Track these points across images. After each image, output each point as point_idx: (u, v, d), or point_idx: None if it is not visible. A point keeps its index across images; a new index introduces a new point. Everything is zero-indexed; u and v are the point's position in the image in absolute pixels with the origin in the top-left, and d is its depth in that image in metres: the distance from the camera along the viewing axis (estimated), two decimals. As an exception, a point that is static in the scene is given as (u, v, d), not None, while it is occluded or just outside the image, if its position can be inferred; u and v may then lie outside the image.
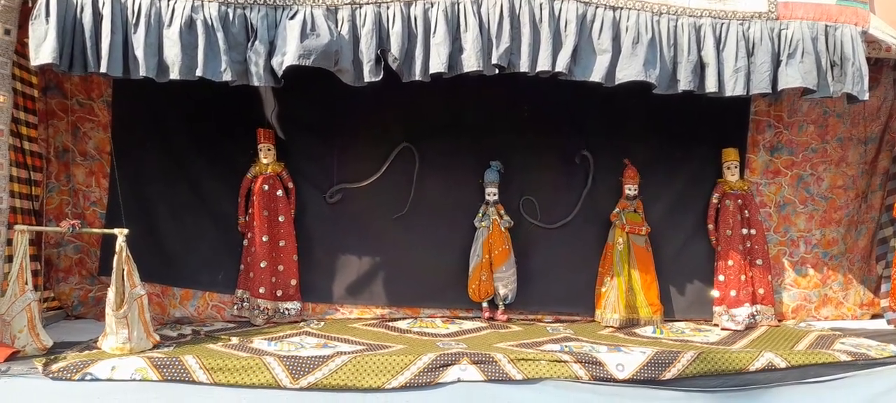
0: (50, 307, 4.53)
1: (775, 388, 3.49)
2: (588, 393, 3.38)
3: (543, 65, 3.74)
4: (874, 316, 5.08)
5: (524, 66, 3.75)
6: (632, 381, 3.43)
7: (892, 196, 4.93)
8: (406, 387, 3.30)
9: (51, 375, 3.16)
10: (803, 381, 3.53)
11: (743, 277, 4.77)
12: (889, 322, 4.78)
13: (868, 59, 4.10)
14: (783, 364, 3.55)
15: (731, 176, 4.96)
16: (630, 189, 4.95)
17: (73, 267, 4.69)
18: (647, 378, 3.44)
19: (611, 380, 3.42)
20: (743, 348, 3.89)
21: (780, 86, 3.94)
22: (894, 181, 5.01)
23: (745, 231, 4.85)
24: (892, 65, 4.78)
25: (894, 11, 4.35)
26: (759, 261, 4.84)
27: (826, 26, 3.98)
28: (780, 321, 4.95)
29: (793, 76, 3.92)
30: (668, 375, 3.46)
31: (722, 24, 3.92)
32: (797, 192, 5.16)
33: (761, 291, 4.82)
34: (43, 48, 3.48)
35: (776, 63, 3.95)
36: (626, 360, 3.47)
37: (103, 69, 3.54)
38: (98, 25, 3.55)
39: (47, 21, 3.47)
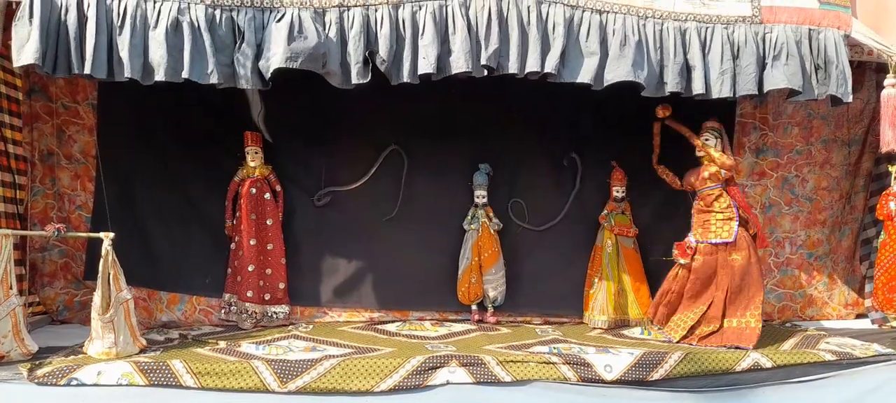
0: (35, 312, 4.48)
1: (761, 388, 3.53)
2: (576, 395, 3.39)
3: (532, 66, 3.75)
4: (858, 316, 5.14)
5: (513, 68, 3.75)
6: (620, 382, 3.45)
7: (875, 197, 4.97)
8: (395, 390, 3.30)
9: (36, 380, 3.14)
10: (789, 381, 3.57)
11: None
12: (873, 321, 4.83)
13: (850, 62, 4.14)
14: (769, 364, 3.59)
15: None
16: (618, 191, 4.98)
17: (58, 271, 4.65)
18: (635, 379, 3.46)
19: (599, 381, 3.44)
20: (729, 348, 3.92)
21: (766, 88, 3.96)
22: (877, 182, 5.07)
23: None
24: (874, 68, 4.83)
25: (875, 16, 4.40)
26: (745, 263, 4.86)
27: (809, 30, 4.02)
28: (765, 321, 4.97)
29: (778, 78, 3.95)
30: (655, 375, 3.48)
31: (706, 27, 3.96)
32: (782, 194, 5.20)
33: (747, 292, 4.84)
34: (26, 49, 3.44)
35: (761, 65, 3.99)
36: (614, 361, 3.49)
37: (87, 71, 3.51)
38: (82, 27, 3.52)
39: (31, 22, 3.44)
